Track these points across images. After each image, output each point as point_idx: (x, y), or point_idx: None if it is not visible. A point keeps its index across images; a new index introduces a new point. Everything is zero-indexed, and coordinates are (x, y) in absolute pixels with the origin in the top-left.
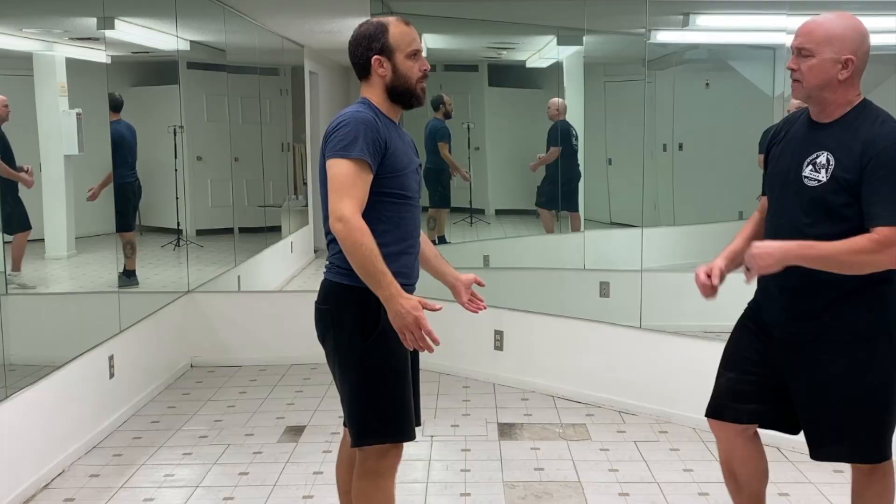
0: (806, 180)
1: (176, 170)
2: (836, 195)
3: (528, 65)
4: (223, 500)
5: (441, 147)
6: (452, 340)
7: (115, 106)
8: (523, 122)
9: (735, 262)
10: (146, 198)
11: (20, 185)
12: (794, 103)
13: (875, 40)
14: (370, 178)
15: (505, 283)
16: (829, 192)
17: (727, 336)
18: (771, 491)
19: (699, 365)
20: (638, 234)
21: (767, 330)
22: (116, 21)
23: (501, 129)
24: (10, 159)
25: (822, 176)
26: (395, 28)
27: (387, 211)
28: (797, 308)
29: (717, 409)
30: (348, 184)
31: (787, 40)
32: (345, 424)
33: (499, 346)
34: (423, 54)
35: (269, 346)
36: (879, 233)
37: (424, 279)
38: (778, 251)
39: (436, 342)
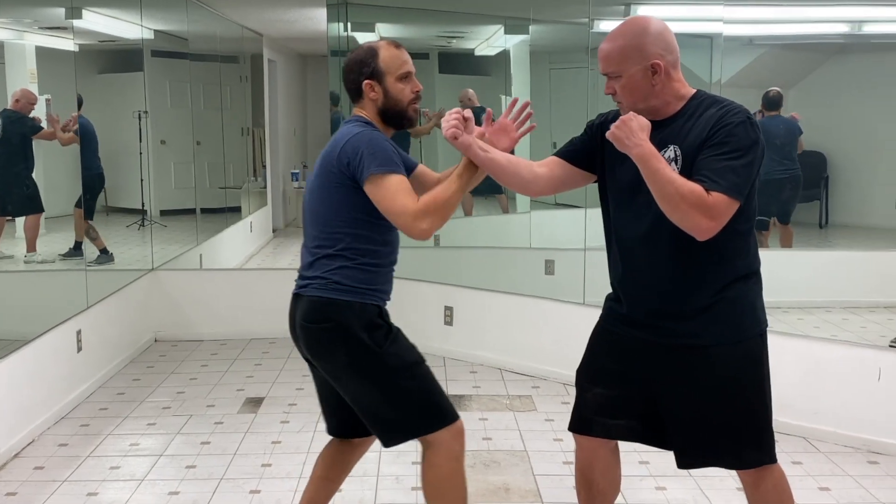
0: None
1: (141, 153)
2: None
3: (477, 53)
4: (186, 468)
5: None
6: (404, 316)
7: (78, 104)
8: (472, 107)
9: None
10: (113, 180)
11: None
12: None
13: (807, 30)
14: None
15: (455, 261)
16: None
17: None
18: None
19: None
20: (581, 215)
21: (631, 332)
22: (84, 11)
23: None
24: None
25: (674, 168)
26: (385, 52)
27: (385, 235)
28: (665, 310)
29: (584, 425)
30: (401, 188)
31: (724, 29)
32: (335, 434)
33: (449, 321)
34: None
35: (229, 322)
36: (714, 197)
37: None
38: (642, 135)
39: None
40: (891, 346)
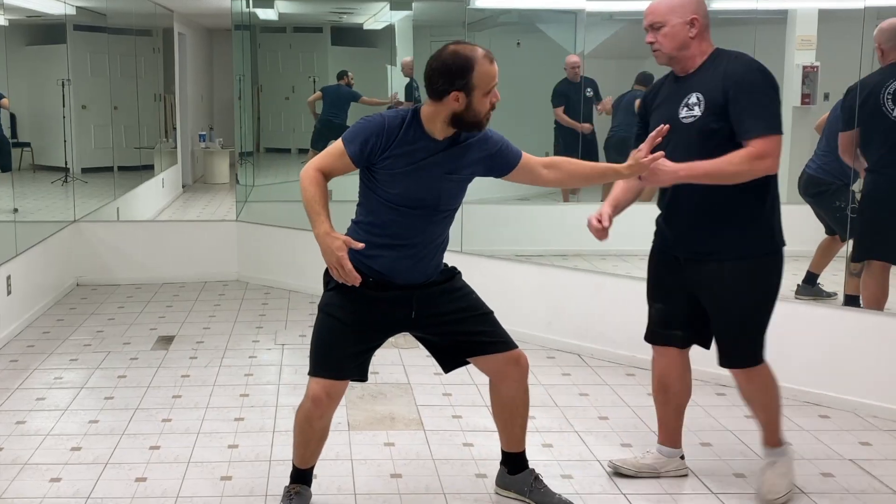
0: (684, 120)
1: (64, 117)
2: (712, 121)
3: (366, 27)
4: (104, 399)
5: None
6: (301, 263)
7: None
8: (360, 75)
9: (617, 207)
10: (39, 140)
11: None
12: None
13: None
14: (347, 161)
15: (344, 215)
16: (707, 121)
17: (536, 259)
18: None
19: (510, 284)
20: None
21: (674, 252)
22: None
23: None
24: None
25: (697, 111)
26: (481, 67)
27: (382, 212)
28: (697, 229)
29: (653, 336)
30: (327, 151)
31: (587, 5)
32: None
33: None
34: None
35: (143, 268)
36: (753, 145)
37: None
38: (672, 169)
39: (356, 280)
40: (797, 297)
